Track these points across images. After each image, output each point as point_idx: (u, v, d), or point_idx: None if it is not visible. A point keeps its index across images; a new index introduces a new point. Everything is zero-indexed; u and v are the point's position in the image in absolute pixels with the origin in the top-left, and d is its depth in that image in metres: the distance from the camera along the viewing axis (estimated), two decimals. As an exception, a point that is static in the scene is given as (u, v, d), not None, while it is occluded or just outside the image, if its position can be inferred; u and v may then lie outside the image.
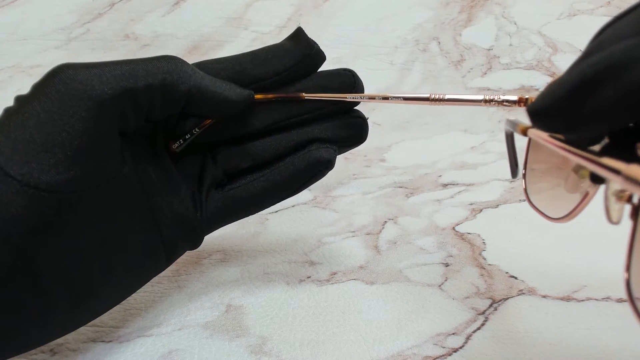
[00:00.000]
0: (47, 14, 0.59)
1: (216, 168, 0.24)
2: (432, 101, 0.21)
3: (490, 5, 0.66)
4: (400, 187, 0.41)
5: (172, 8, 0.62)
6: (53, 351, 0.23)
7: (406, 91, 0.61)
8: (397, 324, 0.24)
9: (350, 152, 0.27)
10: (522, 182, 0.21)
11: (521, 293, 0.26)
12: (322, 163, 0.24)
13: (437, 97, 0.21)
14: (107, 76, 0.18)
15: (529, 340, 0.23)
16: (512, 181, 0.41)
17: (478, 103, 0.20)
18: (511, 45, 0.64)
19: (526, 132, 0.17)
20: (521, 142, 0.21)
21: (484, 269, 0.29)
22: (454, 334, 0.23)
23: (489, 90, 0.62)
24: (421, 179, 0.43)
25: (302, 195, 0.38)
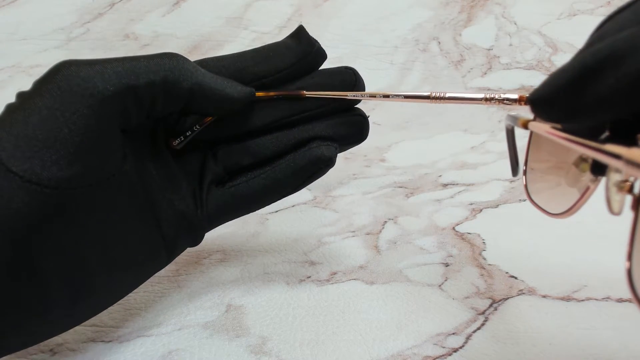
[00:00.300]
0: (47, 14, 0.59)
1: (217, 165, 0.24)
2: (433, 99, 0.21)
3: (490, 5, 0.66)
4: (400, 187, 0.41)
5: (172, 8, 0.62)
6: (53, 351, 0.23)
7: (406, 91, 0.61)
8: (397, 324, 0.24)
9: (350, 152, 0.27)
10: (523, 179, 0.21)
11: (521, 293, 0.26)
12: (323, 160, 0.24)
13: (438, 96, 0.21)
14: (109, 73, 0.18)
15: (529, 340, 0.23)
16: (512, 181, 0.41)
17: (478, 101, 0.20)
18: (511, 45, 0.64)
19: (527, 126, 0.17)
20: (521, 142, 0.21)
21: (484, 269, 0.28)
22: (454, 334, 0.23)
23: (489, 90, 0.62)
24: (421, 179, 0.43)
25: (302, 195, 0.38)
